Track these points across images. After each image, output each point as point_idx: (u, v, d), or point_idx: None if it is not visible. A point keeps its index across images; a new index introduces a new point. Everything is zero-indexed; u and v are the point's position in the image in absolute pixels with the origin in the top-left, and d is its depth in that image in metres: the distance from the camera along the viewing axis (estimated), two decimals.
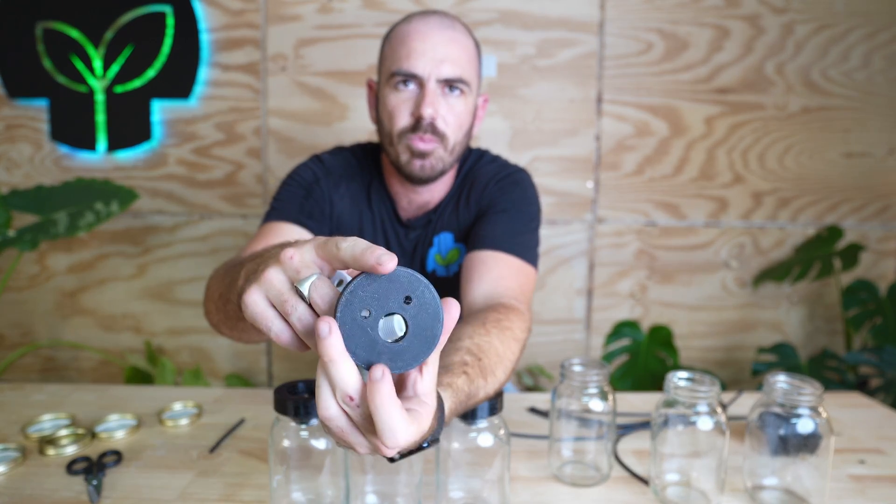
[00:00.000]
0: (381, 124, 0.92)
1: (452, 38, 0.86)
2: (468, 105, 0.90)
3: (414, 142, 0.87)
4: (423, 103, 0.85)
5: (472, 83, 0.90)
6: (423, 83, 0.85)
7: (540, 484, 0.74)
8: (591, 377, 0.73)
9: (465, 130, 0.92)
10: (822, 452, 0.67)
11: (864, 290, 1.75)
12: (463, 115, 0.90)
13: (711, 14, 1.76)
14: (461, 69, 0.86)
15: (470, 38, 0.90)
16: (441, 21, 0.87)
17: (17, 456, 0.76)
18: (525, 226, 0.94)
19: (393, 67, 0.87)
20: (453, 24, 0.88)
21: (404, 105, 0.87)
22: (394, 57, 0.87)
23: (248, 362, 1.86)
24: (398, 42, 0.87)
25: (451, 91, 0.87)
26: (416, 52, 0.84)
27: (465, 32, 0.90)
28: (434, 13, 0.88)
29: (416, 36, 0.85)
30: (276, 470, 0.63)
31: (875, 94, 1.80)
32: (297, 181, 0.96)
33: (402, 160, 0.89)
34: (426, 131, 0.86)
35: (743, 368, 1.89)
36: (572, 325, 1.87)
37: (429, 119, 0.85)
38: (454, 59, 0.86)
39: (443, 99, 0.87)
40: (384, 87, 0.89)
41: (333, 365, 0.36)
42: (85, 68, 1.75)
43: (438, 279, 1.02)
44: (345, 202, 0.97)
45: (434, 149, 0.88)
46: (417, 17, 0.88)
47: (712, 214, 1.84)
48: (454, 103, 0.88)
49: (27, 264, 1.82)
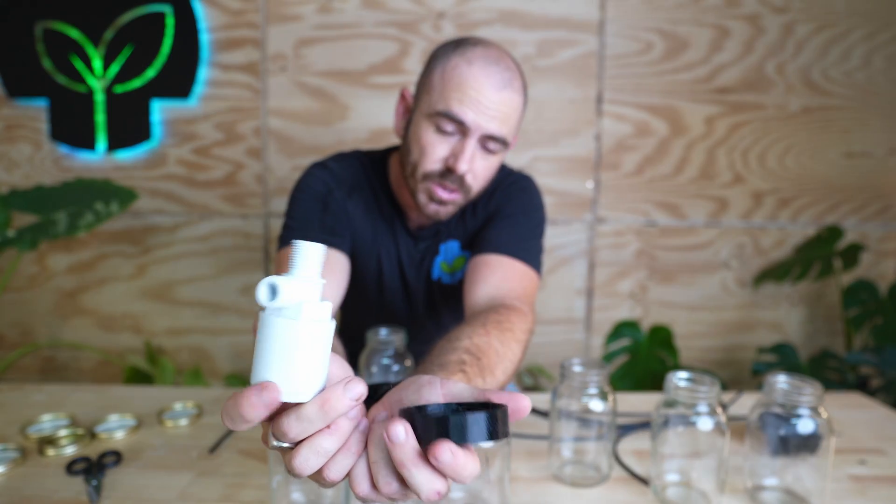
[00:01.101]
0: (407, 149, 0.89)
1: (510, 99, 0.82)
2: (500, 159, 0.89)
3: (437, 191, 0.85)
4: (461, 158, 0.82)
5: (511, 141, 0.88)
6: (467, 134, 0.82)
7: (540, 484, 0.74)
8: (591, 377, 0.73)
9: (489, 181, 0.91)
10: (822, 452, 0.67)
11: (865, 290, 1.75)
12: (492, 170, 0.88)
13: (711, 14, 1.76)
14: (507, 129, 0.84)
15: (523, 94, 0.86)
16: (503, 77, 0.82)
17: (17, 456, 0.76)
18: (530, 231, 0.94)
19: (440, 106, 0.82)
20: (513, 82, 0.83)
21: (440, 148, 0.84)
22: (444, 94, 0.82)
23: (248, 362, 1.86)
24: (453, 81, 0.82)
25: (489, 146, 0.84)
26: (470, 101, 0.80)
27: (521, 90, 0.86)
28: (497, 61, 0.83)
29: (475, 85, 0.81)
30: (276, 470, 0.63)
31: (875, 94, 1.80)
32: (311, 194, 0.91)
33: (420, 200, 0.88)
34: (454, 182, 0.84)
35: (743, 368, 1.89)
36: (572, 325, 1.87)
37: (461, 174, 0.83)
38: (504, 119, 0.83)
39: (479, 154, 0.84)
40: (424, 117, 0.85)
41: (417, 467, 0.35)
42: (85, 68, 1.75)
43: (444, 286, 1.02)
44: (359, 211, 0.95)
45: (455, 199, 0.87)
46: (480, 60, 0.82)
47: (712, 214, 1.84)
48: (489, 159, 0.86)
49: (27, 264, 1.82)
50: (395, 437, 0.35)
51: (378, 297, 1.02)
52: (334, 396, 0.35)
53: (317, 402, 0.35)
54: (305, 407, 0.35)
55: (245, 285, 1.83)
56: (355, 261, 0.97)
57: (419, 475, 0.35)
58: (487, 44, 0.85)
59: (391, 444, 0.35)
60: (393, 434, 0.35)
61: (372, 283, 1.00)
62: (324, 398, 0.35)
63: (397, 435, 0.35)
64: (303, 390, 0.36)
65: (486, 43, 0.85)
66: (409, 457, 0.35)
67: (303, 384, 0.36)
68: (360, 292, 1.01)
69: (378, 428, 0.37)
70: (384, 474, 0.36)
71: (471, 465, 0.35)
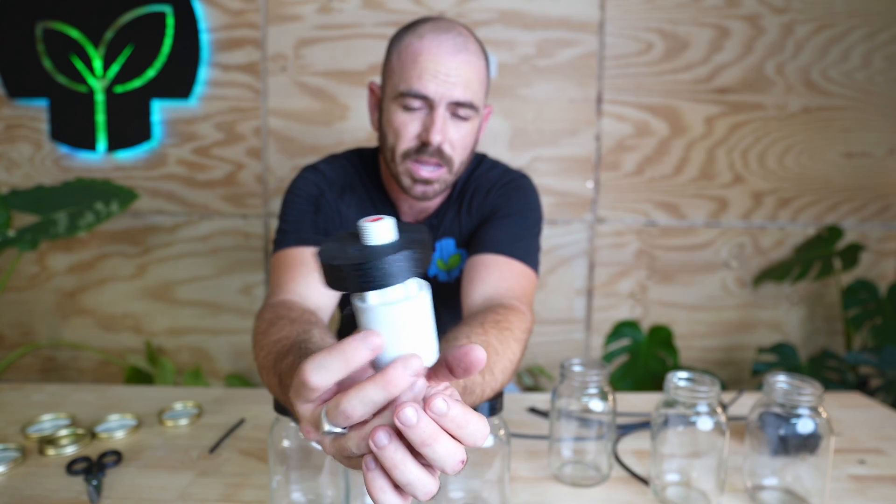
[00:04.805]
0: (383, 137, 0.90)
1: (466, 62, 0.83)
2: (474, 126, 0.89)
3: (418, 170, 0.86)
4: (432, 129, 0.83)
5: (481, 105, 0.88)
6: (433, 106, 0.83)
7: (540, 484, 0.74)
8: (591, 377, 0.73)
9: (470, 150, 0.91)
10: (822, 452, 0.67)
11: (864, 290, 1.75)
12: (469, 137, 0.89)
13: (711, 14, 1.76)
14: (472, 93, 0.84)
15: (482, 57, 0.88)
16: (455, 42, 0.83)
17: (17, 456, 0.76)
18: (527, 231, 0.94)
19: (402, 86, 0.83)
20: (466, 45, 0.84)
21: (411, 125, 0.85)
22: (403, 74, 0.84)
23: (248, 362, 1.86)
24: (409, 59, 0.83)
25: (459, 113, 0.85)
26: (428, 74, 0.81)
27: (478, 52, 0.87)
28: (447, 29, 0.84)
29: (429, 56, 0.82)
30: (275, 470, 0.63)
31: (875, 94, 1.80)
32: (302, 196, 0.92)
33: (405, 183, 0.88)
34: (432, 155, 0.85)
35: (743, 368, 1.89)
36: (572, 325, 1.87)
37: (436, 145, 0.84)
38: (466, 83, 0.83)
39: (451, 123, 0.85)
40: (391, 101, 0.86)
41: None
42: (85, 68, 1.75)
43: (440, 284, 1.02)
44: (351, 211, 0.96)
45: (439, 176, 0.87)
46: (430, 32, 0.83)
47: (712, 214, 1.84)
48: (462, 126, 0.86)
49: (27, 264, 1.82)
50: (407, 421, 0.34)
51: None
52: (396, 375, 0.35)
53: (379, 382, 0.35)
54: (367, 388, 0.35)
55: (245, 285, 1.83)
56: None
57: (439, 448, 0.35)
58: (438, 19, 0.87)
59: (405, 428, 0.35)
60: (405, 418, 0.34)
61: None
62: (386, 379, 0.35)
63: (409, 419, 0.34)
64: (432, 354, 0.38)
65: (436, 19, 0.87)
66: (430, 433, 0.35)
67: (431, 348, 0.38)
68: None
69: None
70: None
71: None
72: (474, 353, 0.38)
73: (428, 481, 0.36)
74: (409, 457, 0.35)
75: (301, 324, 0.64)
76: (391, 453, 0.35)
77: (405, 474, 0.35)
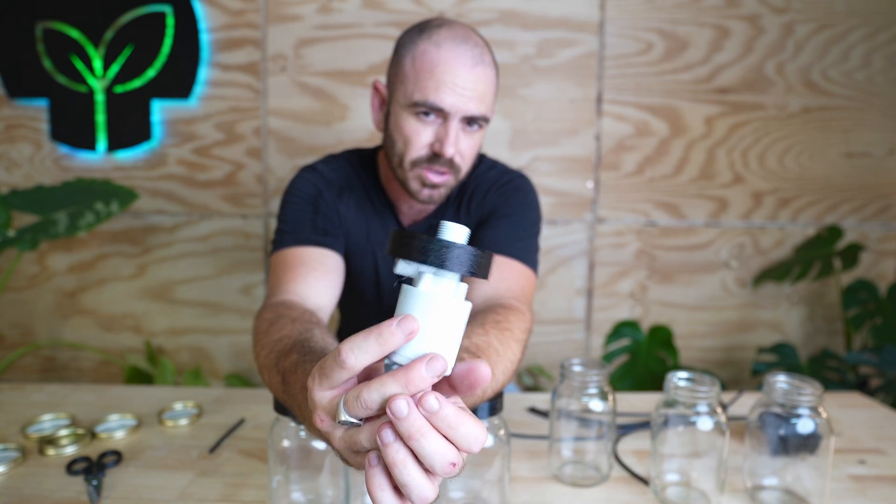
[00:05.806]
0: (390, 141, 0.89)
1: (483, 75, 0.83)
2: (482, 134, 0.89)
3: (428, 175, 0.86)
4: (446, 142, 0.82)
5: (491, 116, 0.88)
6: (447, 118, 0.83)
7: (540, 484, 0.74)
8: (591, 377, 0.73)
9: (476, 156, 0.91)
10: (822, 452, 0.67)
11: (864, 290, 1.75)
12: (477, 146, 0.89)
13: (711, 14, 1.76)
14: (486, 106, 0.84)
15: (495, 67, 0.87)
16: (472, 54, 0.82)
17: (17, 456, 0.77)
18: (526, 231, 0.94)
19: (416, 96, 0.82)
20: (483, 57, 0.83)
21: (423, 135, 0.84)
22: (419, 83, 0.82)
23: (248, 362, 1.86)
24: (425, 68, 0.82)
25: (470, 125, 0.85)
26: (446, 87, 0.81)
27: (492, 63, 0.86)
28: (464, 39, 0.83)
29: (447, 69, 0.81)
30: (275, 470, 0.63)
31: (875, 94, 1.80)
32: (301, 197, 0.92)
33: (413, 188, 0.88)
34: (443, 165, 0.85)
35: (743, 368, 1.89)
36: (572, 325, 1.87)
37: (449, 157, 0.84)
38: (481, 97, 0.83)
39: (462, 134, 0.85)
40: (402, 108, 0.85)
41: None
42: (85, 68, 1.75)
43: None
44: (350, 211, 0.96)
45: (446, 181, 0.87)
46: (448, 42, 0.81)
47: (712, 214, 1.84)
48: (472, 136, 0.86)
49: (27, 264, 1.82)
50: (398, 412, 0.35)
51: (375, 295, 1.02)
52: (418, 375, 0.35)
53: (400, 379, 0.36)
54: (388, 381, 0.36)
55: (245, 285, 1.83)
56: (351, 260, 0.97)
57: (429, 445, 0.35)
58: (451, 23, 0.85)
59: (396, 420, 0.35)
60: (396, 409, 0.35)
61: (368, 281, 1.01)
62: (407, 377, 0.35)
63: (400, 410, 0.35)
64: (451, 364, 0.38)
65: (449, 22, 0.85)
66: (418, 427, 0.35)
67: (451, 358, 0.38)
68: (358, 291, 1.01)
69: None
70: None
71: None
72: (480, 370, 0.38)
73: (426, 486, 0.36)
74: (410, 458, 0.35)
75: (302, 323, 0.64)
76: (394, 451, 0.35)
77: (405, 475, 0.35)
